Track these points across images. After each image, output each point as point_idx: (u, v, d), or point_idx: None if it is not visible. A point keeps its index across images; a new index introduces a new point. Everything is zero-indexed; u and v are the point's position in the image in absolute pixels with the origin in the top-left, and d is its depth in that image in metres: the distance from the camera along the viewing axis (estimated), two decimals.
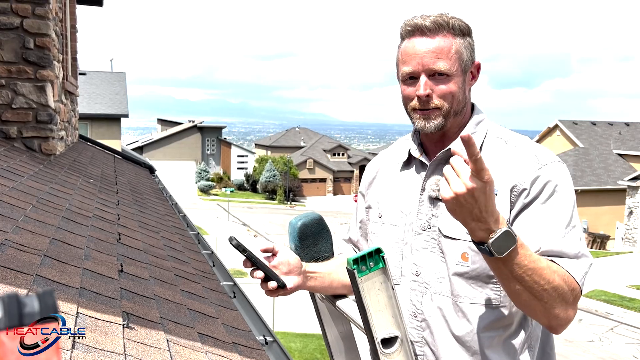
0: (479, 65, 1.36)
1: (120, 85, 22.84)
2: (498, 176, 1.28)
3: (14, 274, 1.51)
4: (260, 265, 1.34)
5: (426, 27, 1.27)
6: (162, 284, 2.19)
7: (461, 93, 1.31)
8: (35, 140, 4.31)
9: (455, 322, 1.29)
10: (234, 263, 11.37)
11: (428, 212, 1.35)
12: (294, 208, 45.23)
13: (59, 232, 2.21)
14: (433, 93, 1.29)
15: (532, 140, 1.37)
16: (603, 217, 30.28)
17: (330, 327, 1.67)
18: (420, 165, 1.41)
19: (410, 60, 1.29)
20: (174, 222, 4.22)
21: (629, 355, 13.34)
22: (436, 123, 1.31)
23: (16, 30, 4.16)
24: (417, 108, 1.32)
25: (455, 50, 1.28)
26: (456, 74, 1.29)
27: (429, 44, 1.27)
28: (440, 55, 1.27)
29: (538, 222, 1.23)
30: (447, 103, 1.29)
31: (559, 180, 1.26)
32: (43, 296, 0.40)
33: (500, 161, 1.30)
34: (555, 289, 1.14)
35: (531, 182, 1.25)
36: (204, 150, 52.95)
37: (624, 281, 19.73)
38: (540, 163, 1.27)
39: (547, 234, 1.22)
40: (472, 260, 1.27)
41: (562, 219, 1.23)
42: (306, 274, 1.45)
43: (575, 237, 1.23)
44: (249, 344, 1.96)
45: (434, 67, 1.27)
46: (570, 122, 36.53)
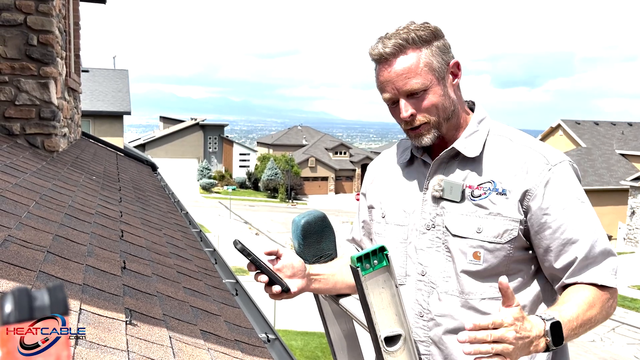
0: (457, 63, 1.34)
1: (122, 82, 22.85)
2: (507, 176, 1.28)
3: (17, 270, 1.52)
4: (264, 269, 1.33)
5: (387, 53, 1.27)
6: (165, 281, 2.20)
7: (445, 99, 1.31)
8: (38, 137, 4.31)
9: (465, 319, 1.29)
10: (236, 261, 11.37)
11: (432, 211, 1.34)
12: (295, 206, 45.24)
13: (62, 228, 2.21)
14: (416, 112, 1.30)
15: (535, 138, 1.37)
16: (605, 217, 30.22)
17: (333, 325, 1.67)
18: (422, 164, 1.41)
19: (385, 87, 1.31)
20: (176, 220, 4.23)
21: (630, 355, 13.32)
22: (430, 137, 1.32)
23: (20, 26, 4.17)
24: (407, 129, 1.34)
25: (423, 63, 1.27)
26: (432, 84, 1.28)
27: (395, 67, 1.27)
28: (409, 74, 1.27)
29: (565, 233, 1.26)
30: (433, 116, 1.30)
31: (570, 182, 1.28)
32: (53, 290, 0.40)
33: (507, 160, 1.30)
34: (601, 312, 1.24)
35: (544, 186, 1.26)
36: (206, 148, 52.97)
37: (625, 281, 19.71)
38: (550, 164, 1.28)
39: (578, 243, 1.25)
40: (485, 258, 1.27)
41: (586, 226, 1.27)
42: (310, 276, 1.44)
43: (600, 240, 1.27)
44: (251, 342, 1.96)
45: (407, 88, 1.28)
46: (572, 121, 36.45)
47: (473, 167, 1.32)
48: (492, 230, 1.27)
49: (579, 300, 1.21)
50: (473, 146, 1.33)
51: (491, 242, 1.27)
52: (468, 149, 1.32)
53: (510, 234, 1.26)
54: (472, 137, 1.34)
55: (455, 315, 1.30)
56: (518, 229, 1.27)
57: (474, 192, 1.29)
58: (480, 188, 1.29)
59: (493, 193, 1.28)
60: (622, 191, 29.51)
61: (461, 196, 1.30)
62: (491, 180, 1.29)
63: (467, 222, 1.29)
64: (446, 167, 1.35)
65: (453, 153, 1.35)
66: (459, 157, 1.34)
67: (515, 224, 1.26)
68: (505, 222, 1.26)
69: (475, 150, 1.32)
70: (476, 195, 1.29)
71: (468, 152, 1.32)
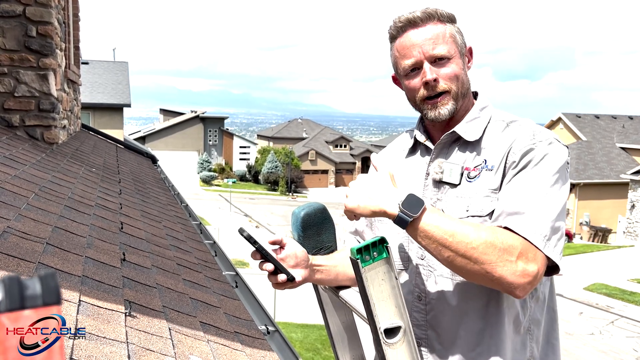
0: (471, 49, 1.40)
1: (122, 74, 22.78)
2: (496, 152, 1.29)
3: (16, 262, 1.51)
4: (270, 258, 1.33)
5: (418, 17, 1.31)
6: (165, 273, 2.19)
7: (464, 74, 1.34)
8: (38, 128, 4.30)
9: (456, 304, 1.30)
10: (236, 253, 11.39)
11: (433, 196, 1.35)
12: (295, 199, 45.26)
13: (62, 220, 2.21)
14: (439, 77, 1.31)
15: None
16: (605, 210, 30.26)
17: (332, 317, 1.67)
18: (425, 150, 1.43)
19: (410, 52, 1.32)
20: (176, 212, 4.22)
21: (629, 348, 13.37)
22: (449, 108, 1.33)
23: (18, 17, 4.14)
24: (425, 97, 1.33)
25: (449, 34, 1.33)
26: (455, 55, 1.32)
27: (424, 32, 1.31)
28: (437, 40, 1.31)
29: (511, 188, 1.21)
30: (454, 85, 1.32)
31: (550, 154, 1.23)
32: (45, 279, 0.40)
33: (500, 139, 1.31)
34: (489, 245, 1.12)
35: (522, 154, 1.24)
36: (206, 141, 52.92)
37: (625, 275, 19.74)
38: (536, 139, 1.25)
39: (513, 197, 1.19)
40: None
41: (534, 187, 1.19)
42: (313, 267, 1.45)
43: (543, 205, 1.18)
44: (251, 334, 1.96)
45: (435, 53, 1.30)
46: (573, 115, 36.40)
47: (472, 150, 1.33)
48: (477, 206, 1.26)
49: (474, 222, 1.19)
50: (473, 130, 1.34)
51: (474, 216, 1.25)
52: (468, 133, 1.34)
53: (490, 206, 1.25)
54: (473, 122, 1.36)
55: (448, 298, 1.31)
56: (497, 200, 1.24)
57: (469, 174, 1.30)
58: (476, 169, 1.30)
59: (484, 171, 1.28)
60: (623, 185, 29.51)
61: (460, 179, 1.31)
62: (484, 159, 1.30)
63: (460, 203, 1.29)
64: (447, 151, 1.37)
65: (454, 137, 1.36)
66: (459, 142, 1.36)
67: (495, 195, 1.24)
68: (487, 194, 1.26)
69: (475, 134, 1.33)
70: (472, 176, 1.30)
71: (468, 136, 1.34)
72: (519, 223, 1.16)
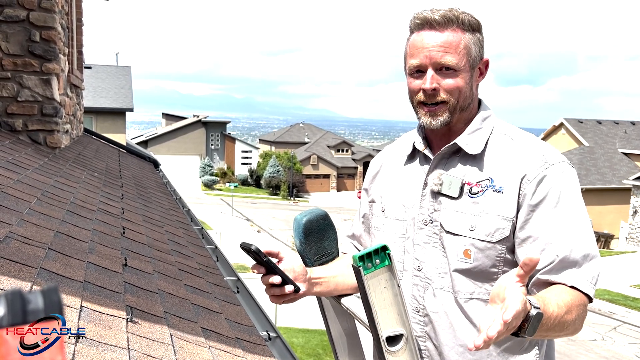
0: (487, 62, 1.35)
1: (125, 79, 22.84)
2: (504, 172, 1.27)
3: (18, 267, 1.51)
4: (278, 270, 1.32)
5: (435, 20, 1.27)
6: (166, 279, 2.19)
7: (468, 89, 1.30)
8: (41, 133, 4.31)
9: (457, 317, 1.29)
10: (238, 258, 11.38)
11: (430, 207, 1.34)
12: (297, 204, 45.25)
13: (64, 225, 2.21)
14: (440, 87, 1.28)
15: (538, 138, 1.36)
16: (607, 216, 30.16)
17: (334, 323, 1.66)
18: (424, 158, 1.40)
19: (418, 53, 1.29)
20: (178, 217, 4.22)
21: (632, 354, 13.31)
22: (442, 119, 1.30)
23: (22, 22, 4.16)
24: (422, 102, 1.32)
25: (464, 45, 1.28)
26: (464, 69, 1.28)
27: (438, 37, 1.27)
28: (448, 49, 1.26)
29: (550, 230, 1.22)
30: (454, 98, 1.29)
31: (566, 182, 1.25)
32: (47, 293, 0.39)
33: (507, 157, 1.29)
34: (577, 318, 1.17)
35: (537, 182, 1.23)
36: (208, 145, 52.98)
37: (627, 280, 19.66)
38: (548, 163, 1.26)
39: (560, 243, 1.21)
40: (475, 257, 1.26)
41: (573, 226, 1.22)
42: (311, 280, 1.43)
43: (584, 244, 1.22)
44: (252, 339, 1.96)
45: (442, 61, 1.26)
46: (575, 120, 36.35)
47: (474, 164, 1.31)
48: (484, 228, 1.25)
49: (560, 301, 1.13)
50: (475, 143, 1.32)
51: (482, 240, 1.25)
52: (470, 146, 1.31)
53: (501, 233, 1.24)
54: (475, 134, 1.33)
55: (449, 312, 1.30)
56: (510, 229, 1.24)
57: (472, 189, 1.28)
58: (479, 185, 1.28)
59: (490, 190, 1.27)
60: (625, 190, 29.43)
61: (459, 192, 1.29)
62: (489, 177, 1.28)
63: (462, 219, 1.28)
64: (447, 162, 1.34)
65: (455, 149, 1.34)
66: (460, 154, 1.33)
67: (508, 223, 1.24)
68: (498, 220, 1.24)
69: (477, 147, 1.31)
70: (474, 192, 1.28)
71: (470, 148, 1.31)
72: (579, 280, 1.20)
